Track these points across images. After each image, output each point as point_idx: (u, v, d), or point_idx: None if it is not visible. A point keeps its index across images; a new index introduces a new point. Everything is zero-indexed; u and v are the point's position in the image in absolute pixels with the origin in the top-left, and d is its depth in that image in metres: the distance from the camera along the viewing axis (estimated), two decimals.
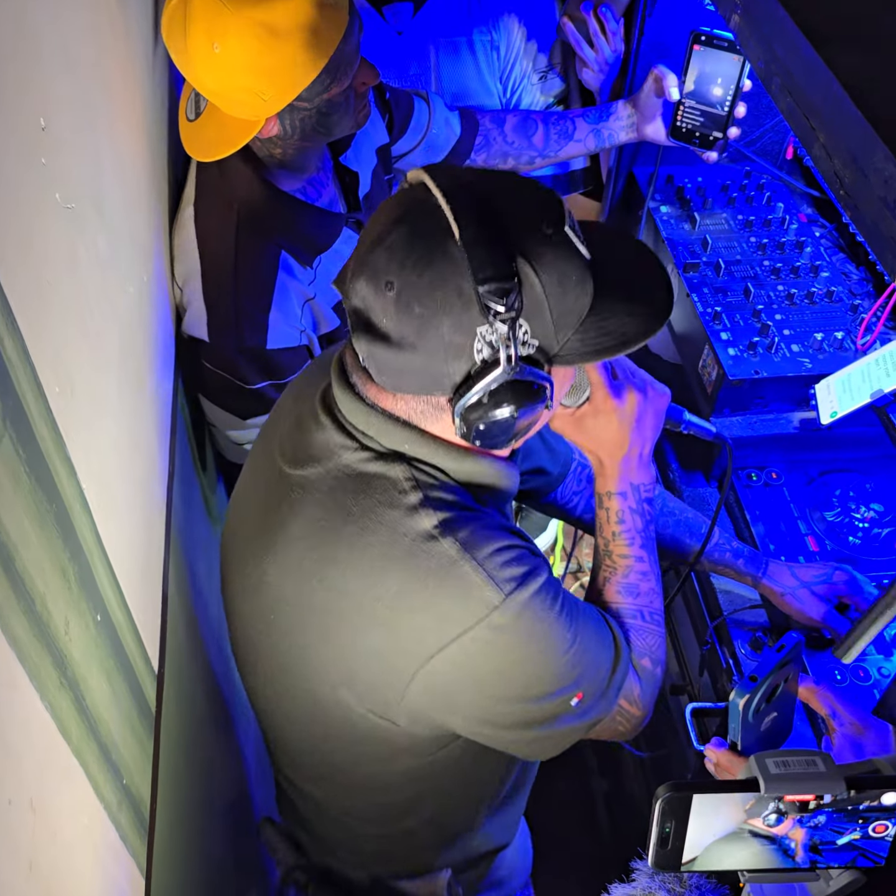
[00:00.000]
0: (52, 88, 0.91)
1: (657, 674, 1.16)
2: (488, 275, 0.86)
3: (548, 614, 0.98)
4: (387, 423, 0.97)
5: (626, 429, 1.12)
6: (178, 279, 1.51)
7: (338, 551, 0.96)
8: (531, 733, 1.04)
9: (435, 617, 0.94)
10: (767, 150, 1.99)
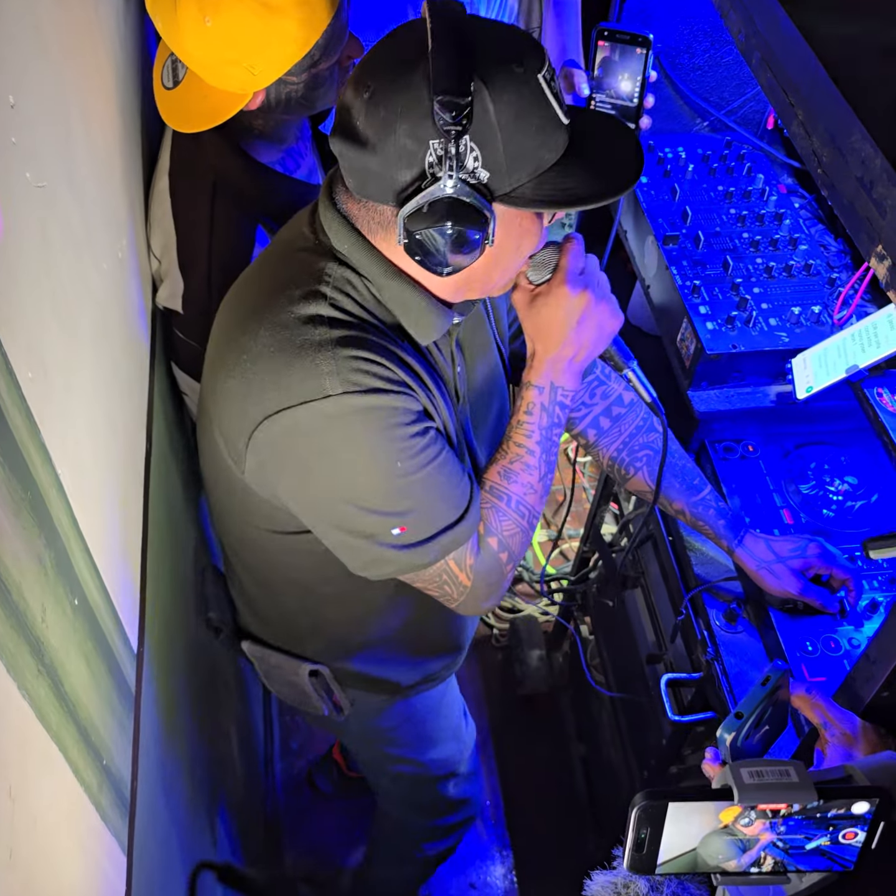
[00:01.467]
0: (20, 65, 0.89)
1: (500, 558, 1.20)
2: (443, 86, 0.92)
3: (383, 433, 1.05)
4: (342, 224, 1.07)
5: (566, 323, 1.15)
6: (155, 249, 1.49)
7: (244, 312, 1.09)
8: (348, 538, 1.12)
9: (280, 382, 1.03)
10: (748, 119, 1.98)
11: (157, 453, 1.36)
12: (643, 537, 1.84)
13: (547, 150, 0.98)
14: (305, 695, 1.48)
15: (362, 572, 1.16)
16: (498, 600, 1.25)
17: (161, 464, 1.41)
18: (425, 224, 0.97)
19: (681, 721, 1.51)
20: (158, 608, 1.29)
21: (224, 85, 1.34)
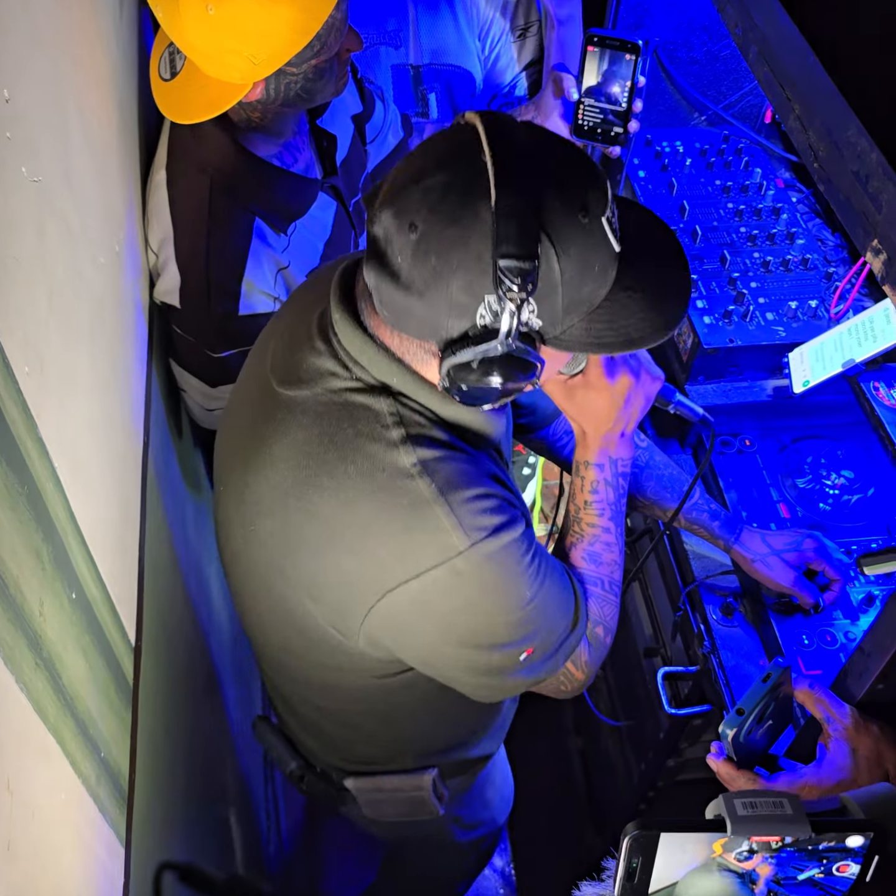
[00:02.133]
0: (15, 59, 0.89)
1: (607, 643, 1.20)
2: (511, 250, 0.85)
3: (513, 568, 1.00)
4: (379, 353, 0.97)
5: (614, 407, 1.13)
6: (152, 244, 1.49)
7: (318, 477, 0.98)
8: (476, 679, 1.09)
9: (400, 552, 0.97)
10: (746, 113, 1.97)
11: (154, 447, 1.36)
12: (640, 532, 1.85)
13: (602, 288, 0.93)
14: (423, 804, 1.40)
15: (487, 701, 1.13)
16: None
17: (159, 457, 1.42)
18: (472, 377, 0.91)
19: (678, 714, 1.52)
20: (156, 602, 1.30)
21: (224, 75, 1.33)
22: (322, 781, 1.42)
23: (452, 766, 1.42)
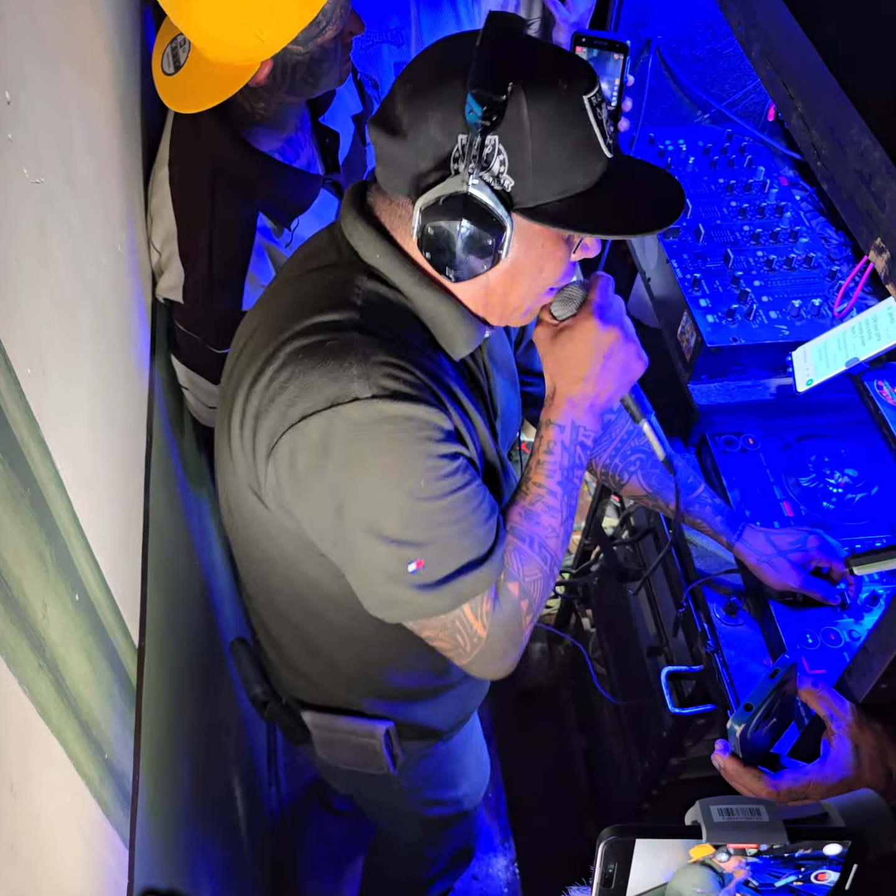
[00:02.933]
0: (17, 60, 0.89)
1: (520, 606, 1.11)
2: (481, 81, 0.90)
3: (411, 445, 0.99)
4: (368, 230, 1.03)
5: (591, 358, 1.10)
6: (156, 242, 1.49)
7: (269, 330, 1.05)
8: (364, 575, 1.07)
9: (305, 386, 0.99)
10: (749, 111, 1.97)
11: (157, 447, 1.36)
12: (644, 530, 1.85)
13: (580, 174, 0.95)
14: (373, 755, 1.40)
15: (378, 613, 1.09)
16: (514, 660, 1.15)
17: (161, 457, 1.41)
18: (439, 218, 0.95)
19: (681, 713, 1.52)
20: (160, 603, 1.30)
21: (231, 55, 1.33)
22: (284, 713, 1.43)
23: (409, 728, 1.42)
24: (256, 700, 1.45)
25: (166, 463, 1.47)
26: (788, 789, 0.99)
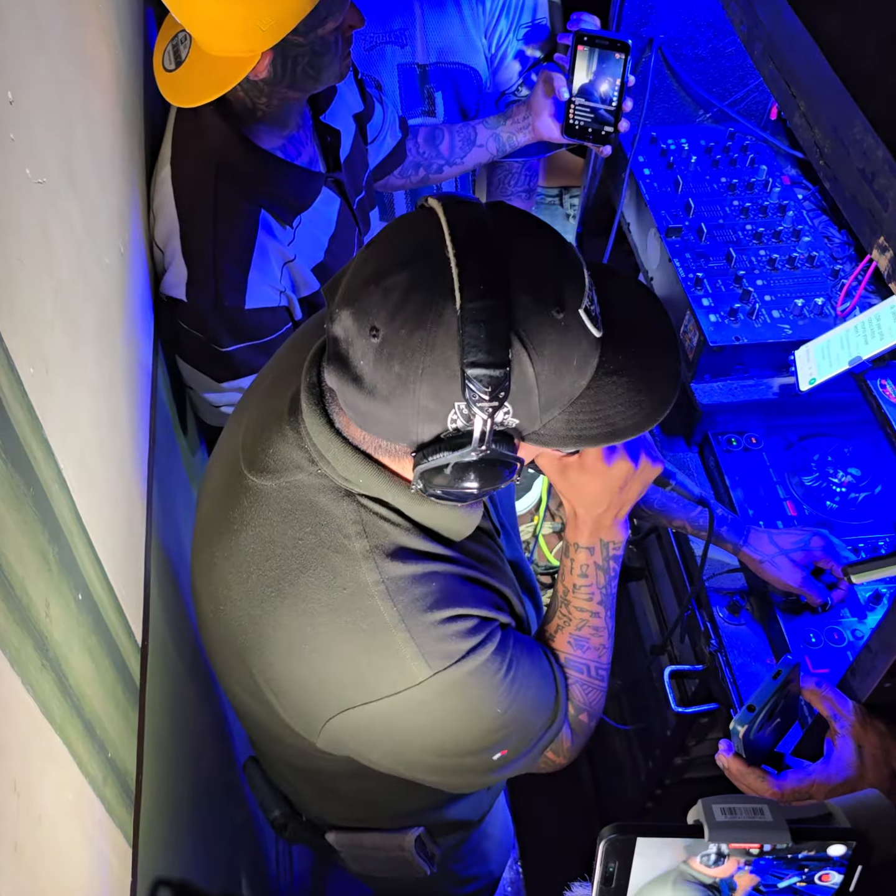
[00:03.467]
0: (19, 60, 0.89)
1: (591, 727, 1.17)
2: (480, 359, 0.79)
3: (483, 689, 0.96)
4: (345, 451, 0.92)
5: (608, 492, 1.08)
6: (158, 240, 1.49)
7: (280, 582, 0.95)
8: (446, 779, 1.08)
9: (357, 676, 0.94)
10: (752, 110, 1.97)
11: (160, 446, 1.36)
12: (647, 530, 1.85)
13: (583, 379, 0.87)
14: (407, 864, 1.34)
15: (461, 791, 1.11)
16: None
17: (164, 457, 1.42)
18: (446, 481, 0.86)
19: (685, 712, 1.52)
20: (163, 602, 1.30)
21: (231, 47, 1.33)
22: (307, 831, 1.38)
23: (439, 826, 1.37)
24: (276, 823, 1.39)
25: (170, 462, 1.47)
26: (792, 789, 0.99)
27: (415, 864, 1.34)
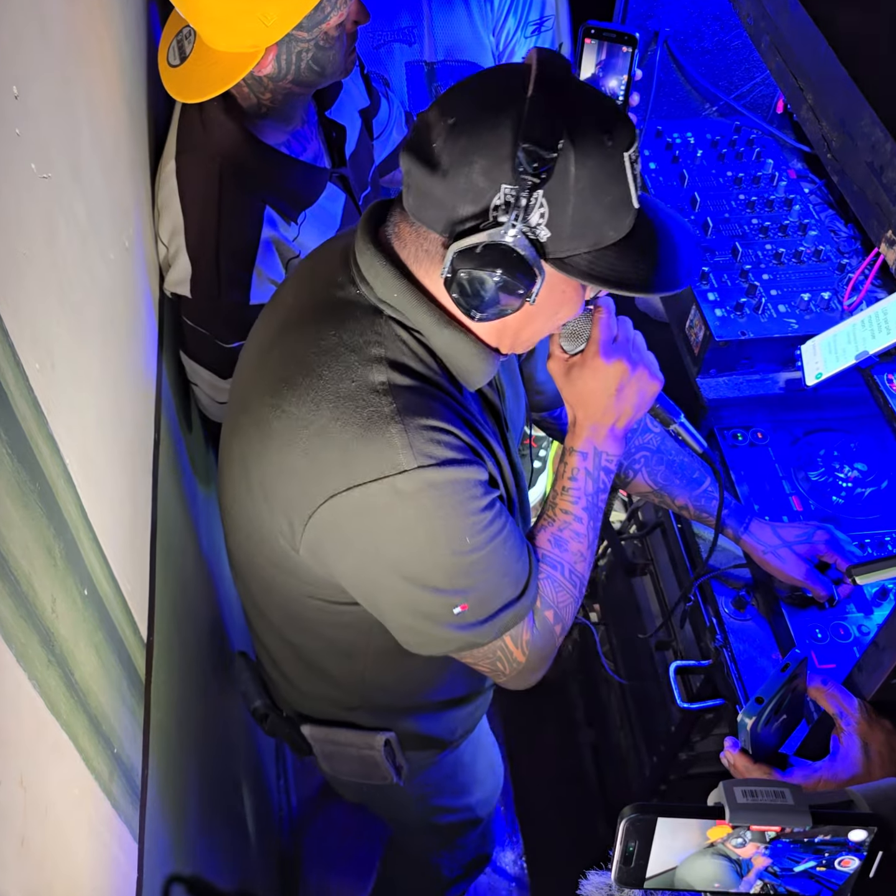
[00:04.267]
0: (24, 55, 0.89)
1: (555, 630, 1.18)
2: (533, 135, 0.90)
3: (456, 507, 1.01)
4: (387, 267, 1.02)
5: (605, 393, 1.14)
6: (163, 235, 1.49)
7: (295, 375, 1.03)
8: (404, 618, 1.10)
9: (348, 458, 0.99)
10: (758, 103, 1.96)
11: (165, 442, 1.36)
12: (652, 525, 1.84)
13: (612, 228, 0.96)
14: (375, 766, 1.41)
15: (418, 650, 1.13)
16: (545, 672, 1.22)
17: (169, 453, 1.42)
18: (474, 265, 0.94)
19: (690, 708, 1.52)
20: (168, 597, 1.30)
21: (236, 42, 1.32)
22: (286, 725, 1.43)
23: (411, 738, 1.42)
24: (256, 713, 1.45)
25: (174, 458, 1.47)
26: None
27: (383, 767, 1.40)
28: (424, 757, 1.49)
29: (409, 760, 1.45)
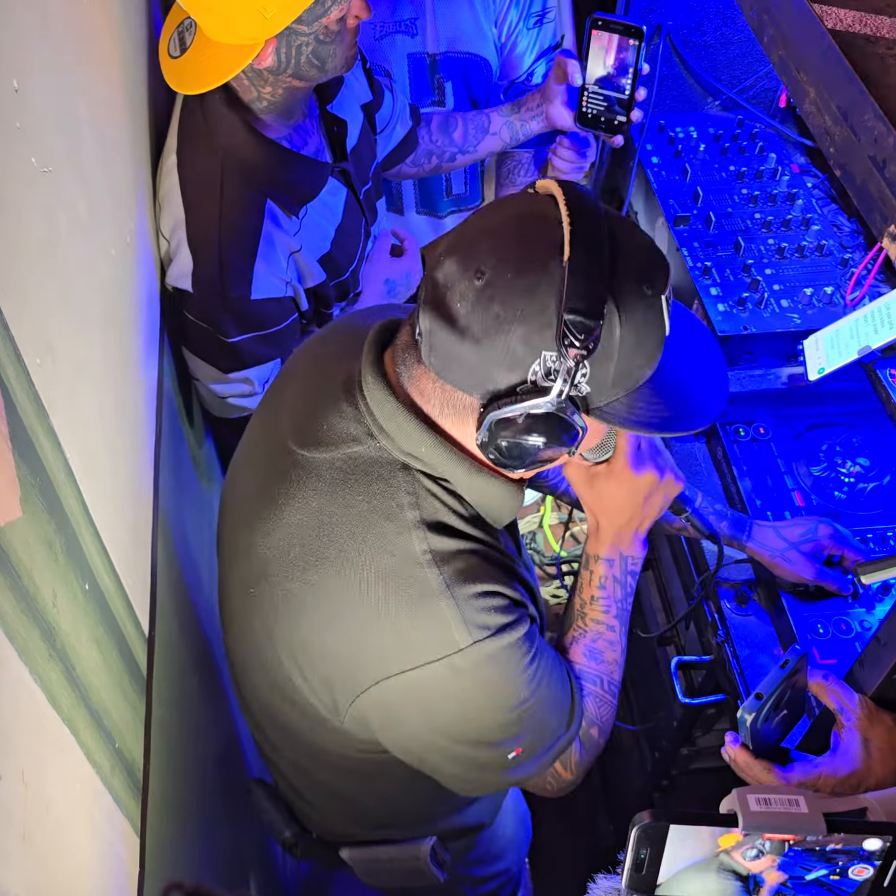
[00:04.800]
0: (24, 48, 0.88)
1: (601, 743, 1.17)
2: (578, 306, 0.84)
3: (512, 669, 0.99)
4: (410, 421, 0.95)
5: (632, 502, 1.11)
6: (164, 230, 1.49)
7: (326, 549, 0.97)
8: (458, 772, 1.08)
9: (401, 642, 0.95)
10: (760, 97, 1.96)
11: (166, 437, 1.36)
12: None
13: (649, 367, 0.92)
14: (422, 874, 1.35)
15: (473, 794, 1.12)
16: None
17: (171, 447, 1.42)
18: (515, 432, 0.90)
19: (691, 703, 1.51)
20: (170, 592, 1.30)
21: (235, 35, 1.32)
22: (319, 848, 1.38)
23: (450, 833, 1.39)
24: (287, 844, 1.38)
25: (176, 453, 1.47)
26: (799, 782, 0.99)
27: (429, 872, 1.35)
28: (465, 844, 1.46)
29: (451, 852, 1.40)
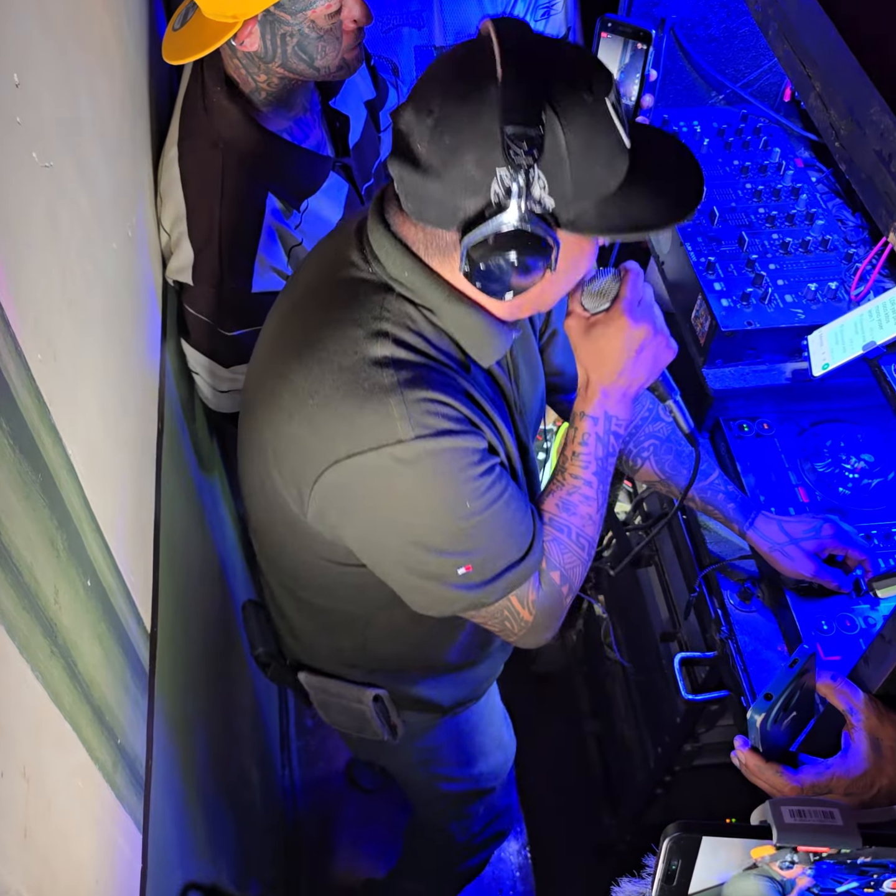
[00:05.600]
0: (25, 43, 0.88)
1: (562, 591, 1.19)
2: (515, 118, 0.90)
3: (455, 475, 1.04)
4: (397, 248, 1.04)
5: (624, 353, 1.15)
6: (165, 223, 1.48)
7: (301, 346, 1.06)
8: (409, 578, 1.12)
9: (350, 427, 1.02)
10: (765, 91, 1.94)
11: (168, 432, 1.36)
12: (657, 517, 1.84)
13: (612, 176, 0.97)
14: (365, 720, 1.46)
15: (425, 611, 1.15)
16: (556, 631, 1.24)
17: (172, 442, 1.41)
18: (490, 253, 0.96)
19: (695, 700, 1.51)
20: (172, 588, 1.30)
21: (219, 11, 1.33)
22: (288, 674, 1.48)
23: (406, 699, 1.45)
24: (259, 660, 1.49)
25: (177, 447, 1.47)
26: (812, 784, 0.98)
27: (373, 723, 1.44)
28: (422, 720, 1.52)
29: (406, 722, 1.48)
